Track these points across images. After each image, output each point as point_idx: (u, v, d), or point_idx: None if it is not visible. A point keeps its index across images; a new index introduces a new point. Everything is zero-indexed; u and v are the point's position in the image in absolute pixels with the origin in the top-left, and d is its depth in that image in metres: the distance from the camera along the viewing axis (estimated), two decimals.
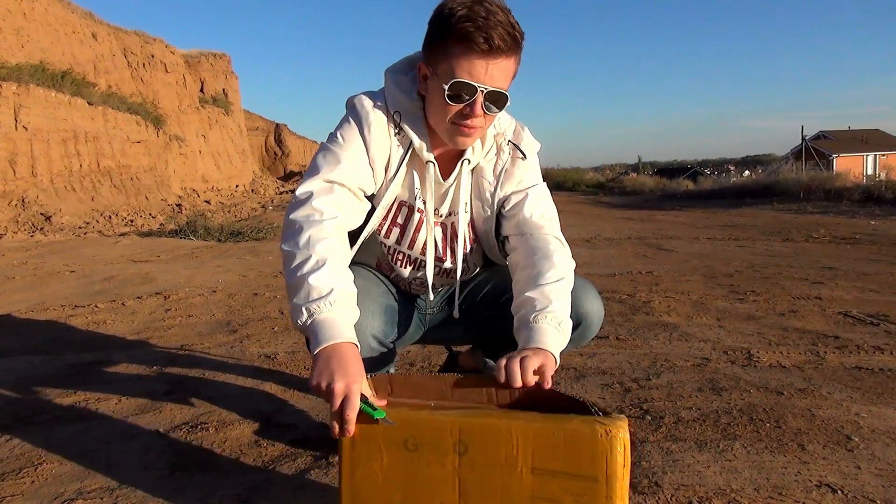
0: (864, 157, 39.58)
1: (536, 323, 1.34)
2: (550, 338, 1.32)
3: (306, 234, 1.33)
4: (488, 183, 1.58)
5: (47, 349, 3.05)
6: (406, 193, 1.57)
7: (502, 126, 1.57)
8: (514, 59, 1.37)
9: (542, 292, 1.40)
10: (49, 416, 2.11)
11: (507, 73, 1.37)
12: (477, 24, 1.29)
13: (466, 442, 1.11)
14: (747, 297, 3.89)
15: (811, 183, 14.12)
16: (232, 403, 2.20)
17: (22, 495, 1.57)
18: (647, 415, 2.00)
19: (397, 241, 1.61)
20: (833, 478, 1.57)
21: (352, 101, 1.52)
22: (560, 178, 25.66)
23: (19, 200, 14.54)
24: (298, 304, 1.27)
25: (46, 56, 18.66)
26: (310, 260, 1.29)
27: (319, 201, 1.39)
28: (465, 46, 1.32)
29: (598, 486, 1.04)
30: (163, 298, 4.30)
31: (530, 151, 1.59)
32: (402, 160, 1.51)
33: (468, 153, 1.53)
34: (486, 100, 1.37)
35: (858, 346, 2.74)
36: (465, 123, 1.40)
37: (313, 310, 1.24)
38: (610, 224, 10.27)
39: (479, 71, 1.33)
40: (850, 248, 6.41)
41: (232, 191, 30.46)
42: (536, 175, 1.62)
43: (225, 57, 37.55)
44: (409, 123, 1.49)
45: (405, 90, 1.48)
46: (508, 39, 1.31)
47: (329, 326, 1.23)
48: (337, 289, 1.27)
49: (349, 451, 1.19)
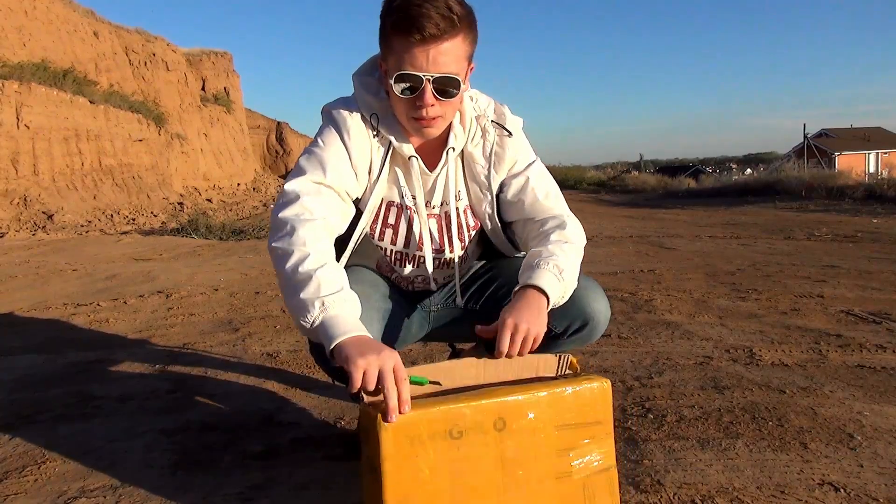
0: (866, 155, 39.53)
1: (539, 267, 1.37)
2: (548, 280, 1.36)
3: (300, 232, 1.31)
4: (480, 167, 1.56)
5: (49, 348, 3.05)
6: (393, 193, 1.55)
7: (482, 107, 1.55)
8: (460, 38, 1.33)
9: (548, 248, 1.43)
10: (52, 415, 2.12)
11: (454, 56, 1.34)
12: (410, 13, 1.28)
13: (504, 418, 1.25)
14: (749, 295, 3.88)
15: (813, 181, 14.09)
16: (234, 402, 2.20)
17: (25, 493, 1.57)
18: (650, 413, 2.00)
19: (392, 241, 1.60)
20: (836, 476, 1.57)
21: (327, 110, 1.52)
22: (562, 176, 25.66)
23: (21, 199, 14.56)
24: (308, 298, 1.22)
25: (48, 54, 18.67)
26: (310, 257, 1.27)
27: (309, 200, 1.38)
28: (402, 37, 1.31)
29: (601, 426, 1.33)
30: (165, 297, 4.30)
31: (515, 128, 1.57)
32: (384, 160, 1.50)
33: (451, 140, 1.51)
34: (436, 87, 1.34)
35: (861, 345, 2.74)
36: (420, 115, 1.38)
37: (327, 303, 1.21)
38: (611, 222, 10.26)
39: (421, 60, 1.31)
40: (853, 246, 6.40)
41: (233, 189, 30.49)
42: (529, 151, 1.60)
43: (226, 55, 37.56)
44: (385, 123, 1.48)
45: (373, 91, 1.48)
46: (444, 24, 1.28)
47: (344, 321, 1.21)
48: (346, 288, 1.27)
49: (393, 454, 1.17)
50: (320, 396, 2.23)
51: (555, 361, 1.40)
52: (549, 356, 1.41)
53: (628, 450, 1.74)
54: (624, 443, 1.78)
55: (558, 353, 1.44)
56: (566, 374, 1.41)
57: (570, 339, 1.58)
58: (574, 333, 1.57)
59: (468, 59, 1.39)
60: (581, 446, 1.32)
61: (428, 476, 1.20)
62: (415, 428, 1.17)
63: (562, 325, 1.55)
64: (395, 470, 1.17)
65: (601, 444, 1.34)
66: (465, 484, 1.24)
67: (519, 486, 1.27)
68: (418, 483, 1.19)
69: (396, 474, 1.17)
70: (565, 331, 1.56)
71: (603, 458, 1.33)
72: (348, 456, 1.73)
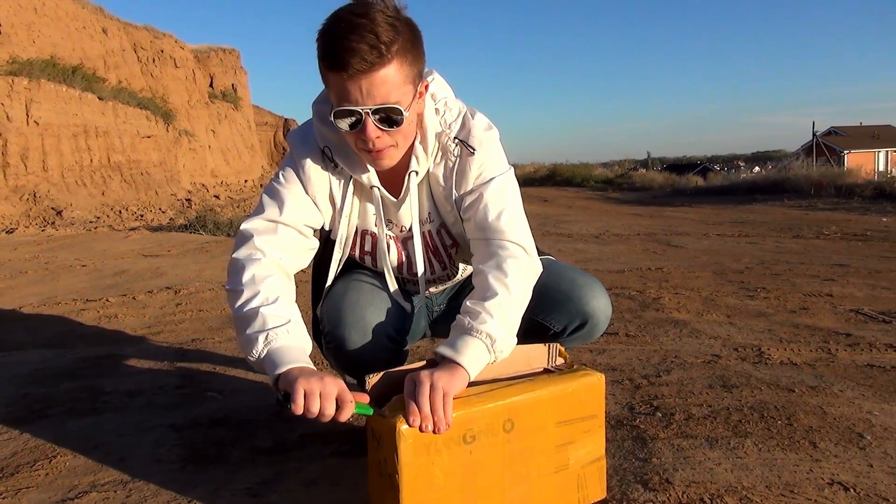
0: (875, 153, 39.28)
1: (469, 335, 1.27)
2: (474, 357, 1.26)
3: (250, 272, 1.33)
4: (442, 188, 1.47)
5: (59, 343, 3.07)
6: (364, 221, 1.52)
7: (448, 121, 1.45)
8: (394, 64, 1.22)
9: (484, 306, 1.30)
10: (62, 410, 2.13)
11: (391, 85, 1.24)
12: (335, 48, 1.19)
13: (513, 419, 1.28)
14: (758, 293, 3.87)
15: (822, 179, 13.99)
16: (243, 398, 2.21)
17: (37, 487, 1.59)
18: (658, 411, 1.99)
19: (373, 265, 1.59)
20: (845, 476, 1.56)
21: (288, 138, 1.51)
22: (568, 173, 25.53)
23: (31, 195, 14.64)
24: (252, 333, 1.25)
25: (57, 51, 18.76)
26: (258, 295, 1.29)
27: (261, 240, 1.39)
28: (333, 73, 1.23)
29: (596, 419, 1.39)
30: (173, 293, 4.32)
31: (480, 143, 1.44)
32: (345, 192, 1.47)
33: (413, 164, 1.43)
34: (378, 119, 1.26)
35: (870, 344, 2.72)
36: (368, 148, 1.30)
37: (271, 337, 1.23)
38: (619, 220, 10.23)
39: (356, 94, 1.23)
40: (862, 244, 6.37)
41: (241, 186, 30.56)
42: (495, 165, 1.46)
43: (234, 52, 37.64)
44: (341, 155, 1.42)
45: (328, 122, 1.36)
46: (372, 55, 1.18)
47: (287, 352, 1.22)
48: (294, 320, 1.28)
49: (411, 463, 1.17)
50: None
51: (545, 351, 1.43)
52: (539, 346, 1.43)
53: (636, 448, 1.73)
54: (632, 441, 1.78)
55: (547, 343, 1.44)
56: (559, 365, 1.45)
57: (570, 337, 1.58)
58: (574, 332, 1.56)
59: (412, 81, 1.29)
60: (578, 440, 1.37)
61: (442, 481, 1.21)
62: (431, 436, 1.18)
63: (560, 324, 1.55)
64: (412, 478, 1.18)
65: (595, 436, 1.40)
66: (475, 485, 1.25)
67: (522, 481, 1.31)
68: (433, 489, 1.21)
69: (413, 482, 1.18)
70: (564, 329, 1.55)
71: (595, 449, 1.41)
72: (356, 452, 1.74)
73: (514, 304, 1.35)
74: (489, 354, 1.28)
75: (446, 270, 1.62)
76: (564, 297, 1.53)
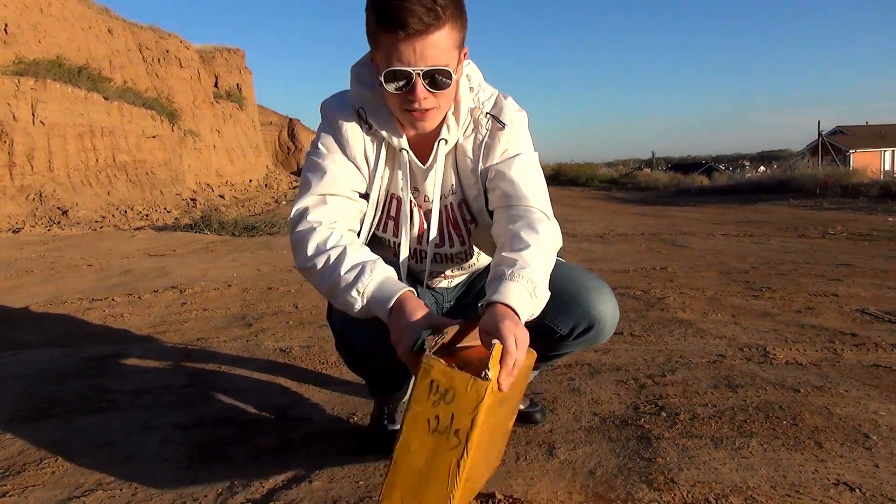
0: (881, 153, 39.10)
1: (512, 280, 1.28)
2: (518, 297, 1.26)
3: (313, 243, 1.38)
4: (470, 160, 1.52)
5: (66, 342, 3.08)
6: (395, 185, 1.54)
7: (481, 99, 1.51)
8: (447, 28, 1.29)
9: (520, 255, 1.33)
10: (68, 409, 2.14)
11: (442, 48, 1.30)
12: (393, 8, 1.25)
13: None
14: (763, 293, 3.86)
15: (827, 179, 13.95)
16: (248, 397, 2.21)
17: (43, 486, 1.59)
18: (663, 411, 1.99)
19: (393, 233, 1.59)
20: (851, 476, 1.56)
21: (322, 107, 1.53)
22: (573, 173, 25.52)
23: (37, 194, 14.70)
24: (346, 295, 1.32)
25: (63, 51, 18.82)
26: (330, 259, 1.35)
27: (315, 214, 1.43)
28: (387, 34, 1.28)
29: None
30: (178, 292, 4.33)
31: (512, 120, 1.50)
32: (378, 154, 1.50)
33: (443, 132, 1.48)
34: (426, 80, 1.32)
35: (876, 344, 2.71)
36: (412, 108, 1.36)
37: (360, 289, 1.31)
38: (623, 219, 10.22)
39: (409, 55, 1.28)
40: (868, 244, 6.34)
41: (245, 185, 30.61)
42: (522, 144, 1.52)
43: (239, 52, 37.69)
44: (375, 116, 1.47)
45: (367, 83, 1.45)
46: (428, 17, 1.25)
47: (381, 290, 1.30)
48: (366, 260, 1.34)
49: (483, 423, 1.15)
50: (332, 392, 2.24)
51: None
52: None
53: (641, 448, 1.73)
54: (637, 441, 1.78)
55: None
56: None
57: (576, 340, 1.57)
58: (580, 335, 1.55)
59: (458, 46, 1.36)
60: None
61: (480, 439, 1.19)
62: (500, 395, 1.19)
63: (567, 327, 1.54)
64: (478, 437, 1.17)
65: None
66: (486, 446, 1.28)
67: (494, 445, 1.40)
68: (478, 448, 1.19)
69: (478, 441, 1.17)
70: (570, 332, 1.54)
71: None
72: (361, 451, 1.74)
73: (546, 258, 1.38)
74: (530, 300, 1.29)
75: (464, 247, 1.63)
76: (572, 299, 1.52)
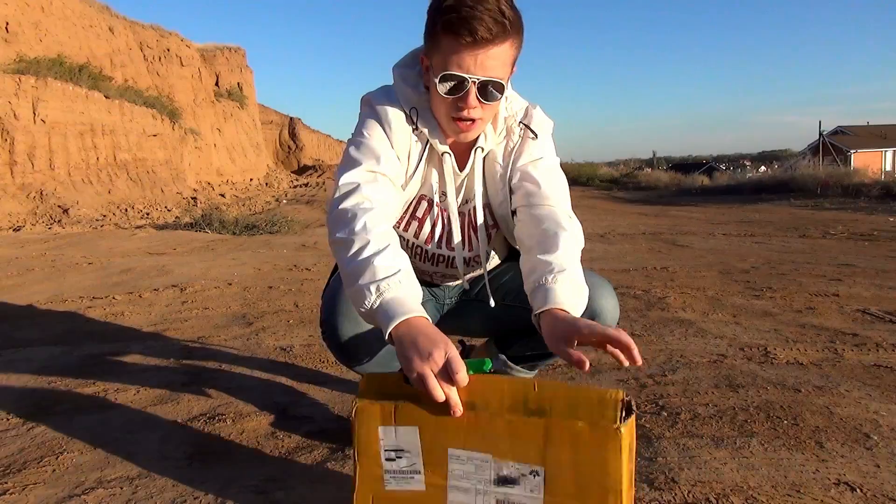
0: (882, 153, 39.09)
1: (556, 284, 1.29)
2: (572, 300, 1.27)
3: (361, 220, 1.30)
4: (499, 166, 1.55)
5: (66, 340, 3.08)
6: (426, 188, 1.56)
7: (513, 108, 1.55)
8: (509, 43, 1.33)
9: (556, 256, 1.35)
10: (69, 406, 2.14)
11: (501, 61, 1.33)
12: (462, 14, 1.26)
13: None
14: (764, 293, 3.86)
15: (828, 179, 13.95)
16: (248, 395, 2.21)
17: (44, 483, 1.59)
18: (664, 411, 1.99)
19: (415, 234, 1.61)
20: (852, 476, 1.55)
21: (368, 99, 1.52)
22: (574, 172, 25.54)
23: (37, 193, 14.71)
24: (364, 284, 1.21)
25: (64, 50, 18.83)
26: (370, 244, 1.26)
27: (368, 189, 1.38)
28: (452, 39, 1.30)
29: None
30: (179, 291, 4.33)
31: (542, 130, 1.56)
32: (421, 155, 1.51)
33: (481, 140, 1.51)
34: (480, 90, 1.35)
35: (877, 344, 2.71)
36: (461, 116, 1.38)
37: (382, 288, 1.20)
38: (624, 219, 10.22)
39: (469, 62, 1.31)
40: (869, 244, 6.34)
41: (246, 184, 30.64)
42: (549, 151, 1.57)
43: (240, 51, 37.71)
44: (422, 118, 1.48)
45: (413, 84, 1.47)
46: (496, 28, 1.28)
47: (400, 303, 1.19)
48: (404, 269, 1.24)
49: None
50: (333, 391, 2.24)
51: None
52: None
53: (642, 447, 1.73)
54: (637, 440, 1.78)
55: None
56: None
57: None
58: None
59: (513, 63, 1.39)
60: None
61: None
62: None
63: None
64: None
65: None
66: None
67: None
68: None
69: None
70: None
71: None
72: None
73: (577, 256, 1.40)
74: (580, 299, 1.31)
75: (489, 251, 1.64)
76: None
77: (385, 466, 1.19)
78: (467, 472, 1.13)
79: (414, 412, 1.15)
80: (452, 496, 1.14)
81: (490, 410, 1.11)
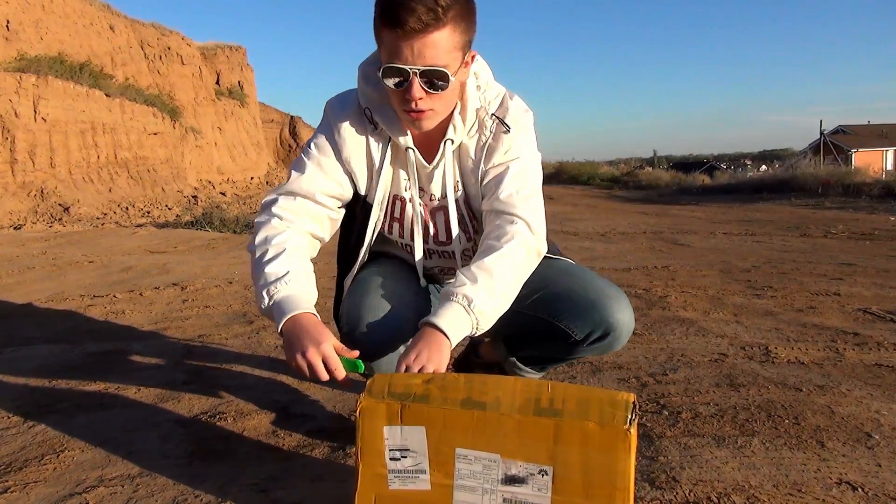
0: (883, 152, 39.06)
1: (448, 301, 1.36)
2: (450, 319, 1.33)
3: (263, 233, 1.45)
4: (472, 161, 1.52)
5: (67, 338, 3.08)
6: (397, 186, 1.55)
7: (487, 98, 1.51)
8: (448, 29, 1.29)
9: (470, 270, 1.39)
10: (70, 405, 2.14)
11: (442, 48, 1.30)
12: (393, 5, 1.26)
13: None
14: (765, 292, 3.85)
15: (829, 178, 13.92)
16: (249, 394, 2.21)
17: (45, 482, 1.59)
18: (665, 410, 1.99)
19: (399, 234, 1.60)
20: (853, 475, 1.55)
21: (326, 106, 1.54)
22: (574, 171, 25.49)
23: (38, 191, 14.71)
24: (258, 290, 1.37)
25: (65, 48, 18.83)
26: (267, 252, 1.40)
27: (278, 207, 1.48)
28: (388, 30, 1.29)
29: None
30: (180, 289, 4.33)
31: (516, 123, 1.50)
32: (384, 154, 1.50)
33: (449, 132, 1.48)
34: (423, 80, 1.32)
35: (878, 343, 2.71)
36: (410, 108, 1.37)
37: (272, 291, 1.34)
38: (625, 218, 10.21)
39: (406, 53, 1.29)
40: (870, 244, 6.34)
41: (247, 183, 30.64)
42: (524, 146, 1.52)
43: (240, 49, 37.69)
44: (380, 115, 1.47)
45: (373, 82, 1.44)
46: (427, 17, 1.25)
47: (287, 302, 1.33)
48: (293, 271, 1.37)
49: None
50: (333, 390, 2.24)
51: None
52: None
53: (643, 446, 1.73)
54: (639, 439, 1.78)
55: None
56: None
57: (590, 346, 1.57)
58: (594, 342, 1.55)
59: (462, 49, 1.35)
60: None
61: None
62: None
63: (582, 332, 1.53)
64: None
65: None
66: None
67: None
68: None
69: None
70: (586, 338, 1.54)
71: None
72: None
73: (505, 273, 1.39)
74: (468, 316, 1.34)
75: (470, 242, 1.63)
76: (591, 305, 1.52)
77: (389, 466, 1.19)
78: (474, 471, 1.14)
79: (422, 412, 1.16)
80: (458, 495, 1.15)
81: (500, 410, 1.12)
